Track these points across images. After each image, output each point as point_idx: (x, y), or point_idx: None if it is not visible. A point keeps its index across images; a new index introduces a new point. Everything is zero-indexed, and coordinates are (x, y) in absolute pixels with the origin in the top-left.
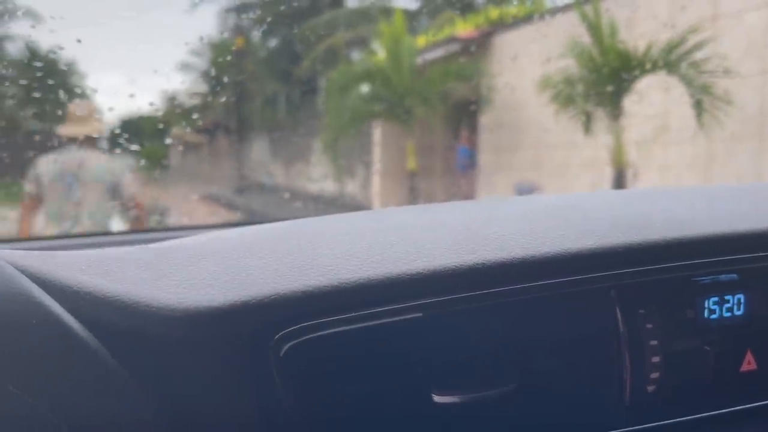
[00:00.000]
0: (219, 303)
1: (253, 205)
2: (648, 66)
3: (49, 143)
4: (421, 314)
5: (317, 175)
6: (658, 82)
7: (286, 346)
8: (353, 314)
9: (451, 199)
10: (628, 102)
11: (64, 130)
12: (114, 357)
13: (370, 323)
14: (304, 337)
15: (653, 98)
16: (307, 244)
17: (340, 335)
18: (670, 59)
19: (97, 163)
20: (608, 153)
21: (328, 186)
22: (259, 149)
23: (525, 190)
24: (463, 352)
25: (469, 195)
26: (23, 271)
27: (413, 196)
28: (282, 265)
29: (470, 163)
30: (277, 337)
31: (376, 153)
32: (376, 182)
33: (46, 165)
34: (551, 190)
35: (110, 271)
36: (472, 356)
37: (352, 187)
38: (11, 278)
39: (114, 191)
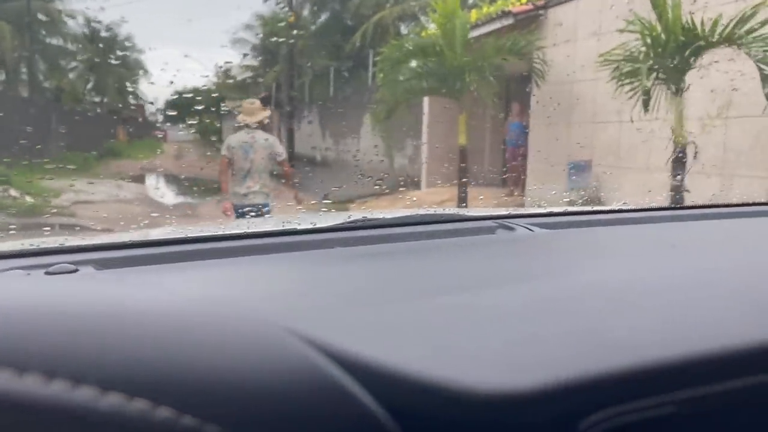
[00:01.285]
0: (524, 386)
1: (301, 178)
2: (715, 41)
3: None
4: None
5: (366, 149)
6: (721, 57)
7: None
8: (662, 398)
9: (503, 172)
10: (689, 77)
11: (242, 118)
12: None
13: (684, 408)
14: (610, 424)
15: (715, 73)
16: (587, 308)
17: (649, 423)
18: (738, 34)
19: (261, 136)
20: (666, 129)
21: (376, 160)
22: (308, 123)
23: (579, 168)
24: None
25: (520, 170)
26: (314, 344)
27: (463, 171)
28: (573, 338)
29: (521, 138)
30: (582, 425)
31: (426, 128)
32: (425, 156)
33: (234, 139)
34: (605, 168)
35: (396, 338)
36: None
37: (400, 161)
38: (303, 355)
39: (270, 154)
